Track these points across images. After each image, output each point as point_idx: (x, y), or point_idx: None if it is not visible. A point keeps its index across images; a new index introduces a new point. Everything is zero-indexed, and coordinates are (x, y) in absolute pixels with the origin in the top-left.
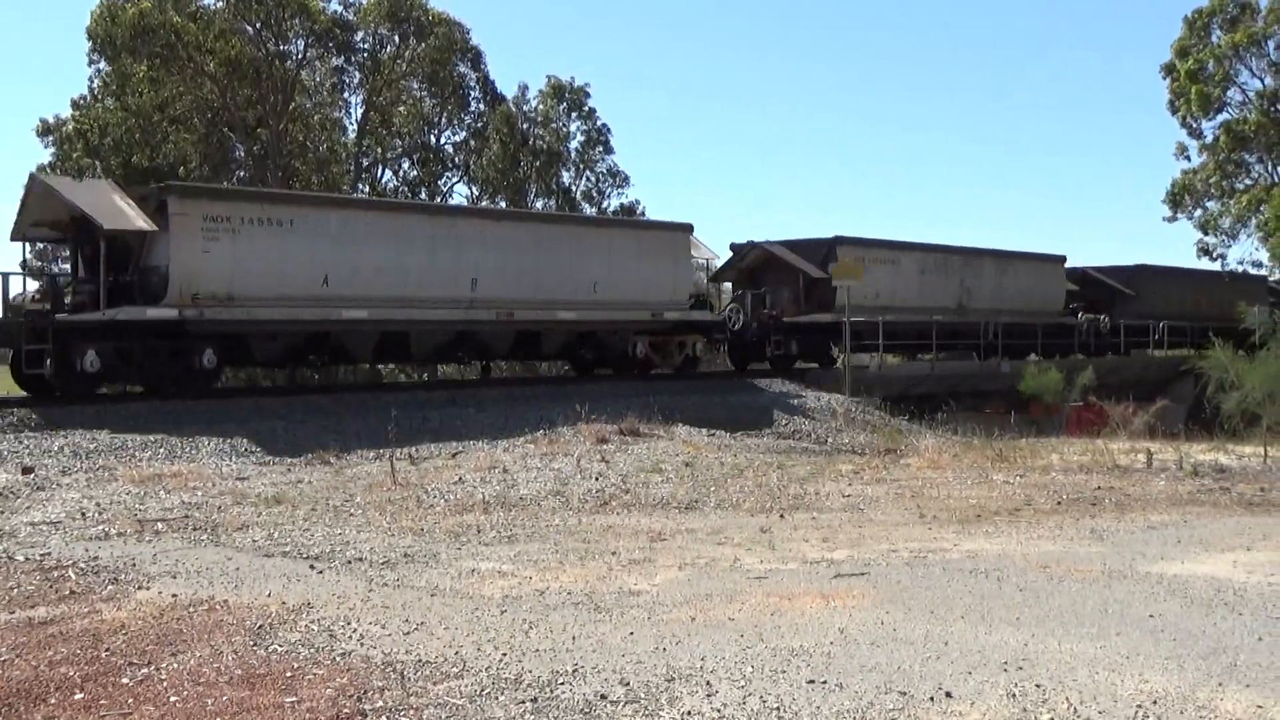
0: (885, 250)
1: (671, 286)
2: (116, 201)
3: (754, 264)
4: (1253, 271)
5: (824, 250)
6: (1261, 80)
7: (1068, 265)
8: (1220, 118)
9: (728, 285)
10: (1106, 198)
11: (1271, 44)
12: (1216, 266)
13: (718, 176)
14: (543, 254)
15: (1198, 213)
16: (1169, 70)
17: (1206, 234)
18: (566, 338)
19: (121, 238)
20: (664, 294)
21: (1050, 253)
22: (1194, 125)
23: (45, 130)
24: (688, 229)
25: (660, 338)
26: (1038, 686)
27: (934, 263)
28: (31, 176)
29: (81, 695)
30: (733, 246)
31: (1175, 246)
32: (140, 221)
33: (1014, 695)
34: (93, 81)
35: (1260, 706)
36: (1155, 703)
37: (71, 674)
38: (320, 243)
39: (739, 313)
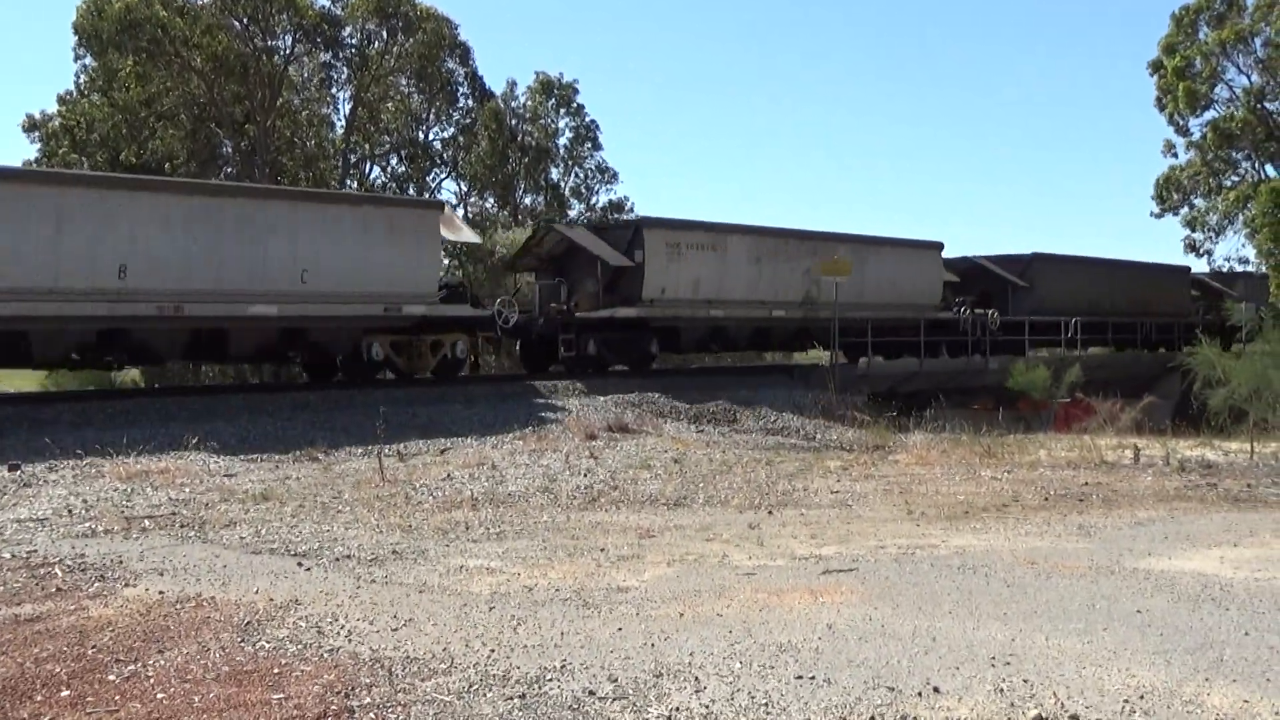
0: (704, 233)
1: (414, 275)
2: None
3: (553, 250)
4: (1239, 269)
5: (629, 235)
6: (1248, 77)
7: (962, 255)
8: (1207, 115)
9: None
10: (1095, 195)
11: (1258, 41)
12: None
13: (708, 171)
14: (226, 235)
15: (1184, 209)
16: (1156, 67)
17: (1194, 231)
18: (262, 337)
19: None
20: (404, 284)
21: (925, 239)
22: (1181, 122)
23: (31, 126)
24: (437, 206)
25: (405, 337)
26: (1025, 681)
27: (771, 249)
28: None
29: (68, 692)
30: (535, 228)
31: (1163, 243)
32: None
33: (1001, 690)
34: (79, 77)
35: (1247, 701)
36: (1142, 697)
37: (58, 671)
38: None
39: (513, 306)
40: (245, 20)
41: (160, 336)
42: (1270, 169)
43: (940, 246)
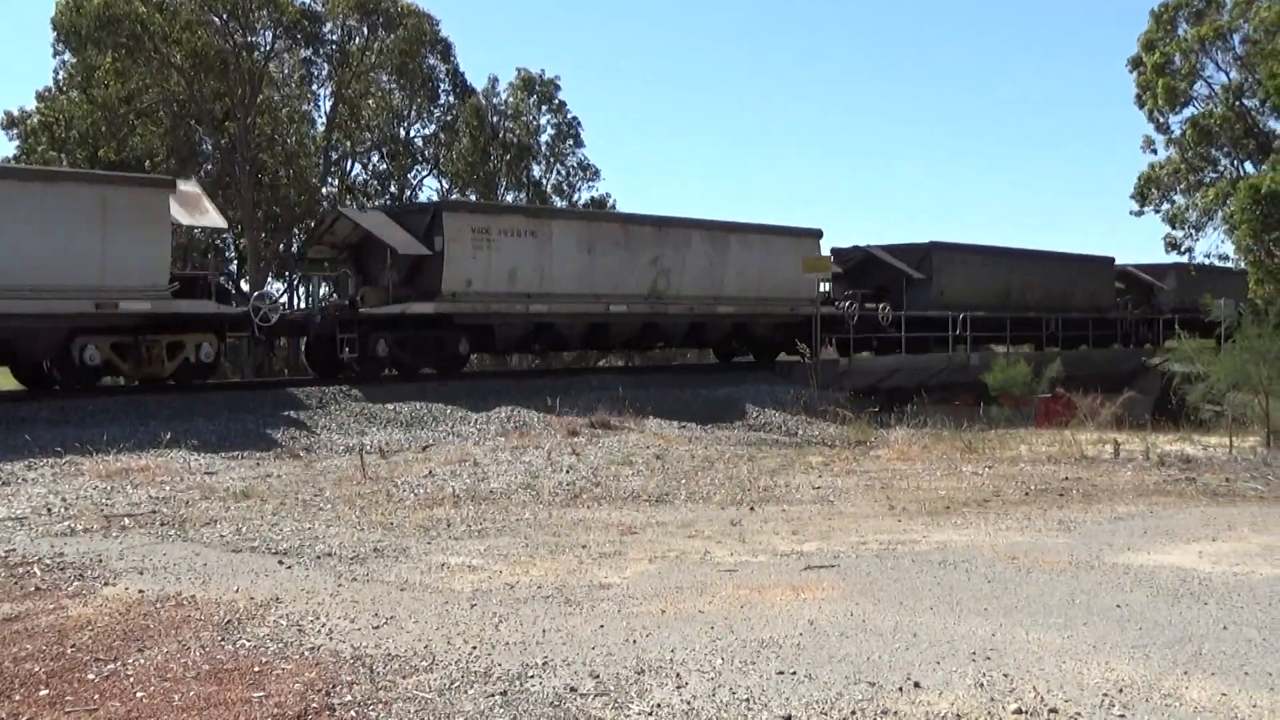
0: (521, 218)
1: (135, 265)
2: None
3: (349, 238)
4: (1219, 265)
5: (426, 219)
6: (1227, 74)
7: (858, 244)
8: (1187, 111)
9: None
10: (1075, 192)
11: (1237, 38)
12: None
13: (692, 169)
14: None
15: (1165, 206)
16: (1136, 64)
17: (1174, 228)
18: None
19: None
20: (120, 276)
21: (804, 226)
22: (1161, 119)
23: (10, 123)
24: (166, 184)
25: (131, 338)
26: (1005, 676)
27: (607, 237)
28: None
29: (47, 691)
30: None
31: (1145, 242)
32: None
33: (982, 685)
34: (58, 73)
35: (1225, 695)
36: (1121, 691)
37: (37, 670)
38: None
39: (274, 302)
40: (225, 16)
41: None
42: (1249, 166)
43: (819, 234)
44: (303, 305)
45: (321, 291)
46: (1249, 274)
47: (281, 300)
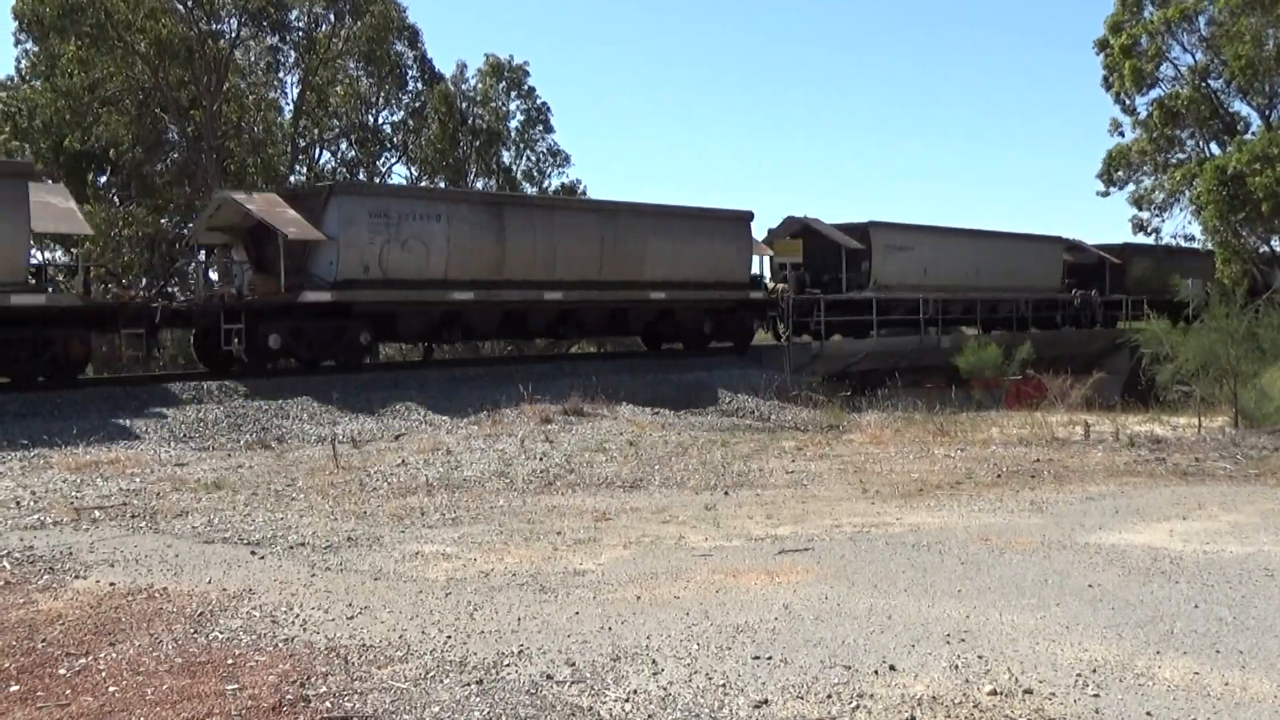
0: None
1: None
2: None
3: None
4: (1185, 245)
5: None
6: (1193, 56)
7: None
8: (1153, 93)
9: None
10: (1043, 173)
11: (1202, 20)
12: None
13: (663, 154)
14: None
15: (1131, 187)
16: (1103, 45)
17: (1140, 209)
18: None
19: None
20: None
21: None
22: (1127, 101)
23: None
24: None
25: None
26: (980, 658)
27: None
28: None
29: (17, 687)
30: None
31: (1111, 221)
32: None
33: (957, 667)
34: (20, 62)
35: (1197, 673)
36: (1095, 671)
37: (7, 666)
38: None
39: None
40: (190, 4)
41: None
42: (1215, 147)
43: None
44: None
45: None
46: (1215, 254)
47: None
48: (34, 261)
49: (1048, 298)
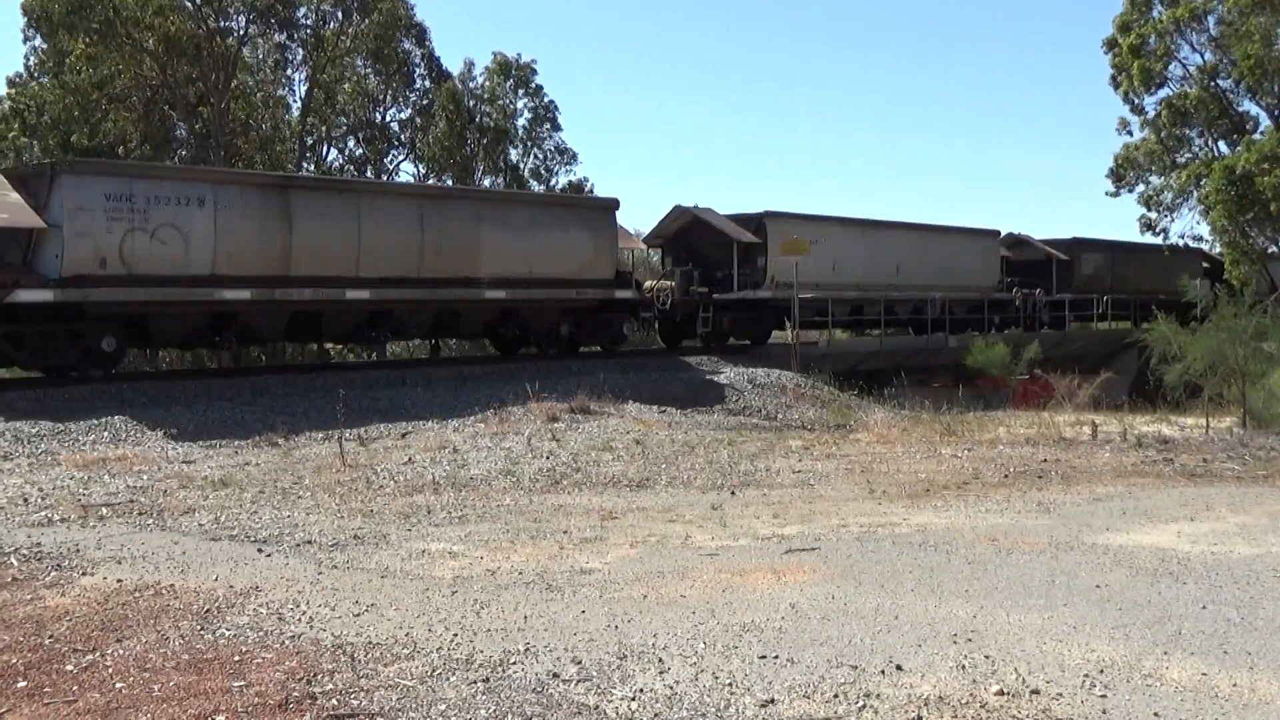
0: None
1: None
2: None
3: None
4: (1193, 246)
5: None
6: (1202, 55)
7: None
8: (1162, 93)
9: None
10: (1051, 173)
11: (1211, 19)
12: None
13: (671, 152)
14: None
15: (1140, 187)
16: (1111, 45)
17: (1149, 209)
18: None
19: None
20: None
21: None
22: (1136, 100)
23: None
24: None
25: None
26: (987, 658)
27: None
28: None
29: (24, 683)
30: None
31: (1121, 223)
32: None
33: (964, 667)
34: (29, 59)
35: (1205, 674)
36: (1102, 672)
37: (14, 661)
38: None
39: None
40: (198, 1)
41: None
42: (1223, 146)
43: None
44: None
45: None
46: (1224, 255)
47: None
48: None
49: (984, 298)
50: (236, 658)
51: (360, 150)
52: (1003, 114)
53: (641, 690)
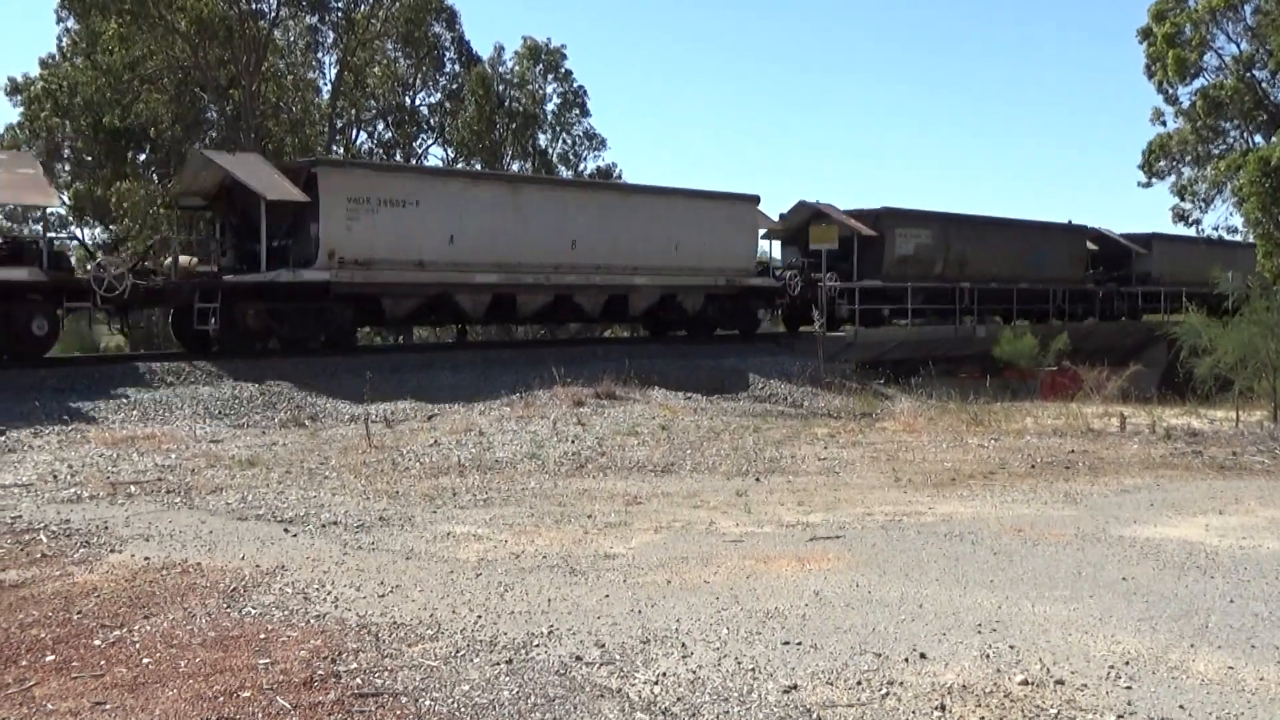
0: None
1: None
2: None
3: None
4: (1229, 238)
5: None
6: (1238, 45)
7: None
8: (1197, 83)
9: None
10: (1083, 163)
11: (1248, 8)
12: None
13: (700, 138)
14: None
15: (1173, 178)
16: (1146, 34)
17: (1183, 200)
18: None
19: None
20: None
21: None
22: (1170, 90)
23: (14, 90)
24: None
25: None
26: (1011, 648)
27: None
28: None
29: (53, 657)
30: None
31: (1153, 213)
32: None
33: (988, 656)
34: (61, 40)
35: (1231, 668)
36: (1128, 664)
37: (43, 636)
38: None
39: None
40: None
41: None
42: (1259, 138)
43: (757, 200)
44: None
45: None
46: (1258, 247)
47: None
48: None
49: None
50: (262, 636)
51: (390, 134)
52: (1032, 104)
53: (664, 674)
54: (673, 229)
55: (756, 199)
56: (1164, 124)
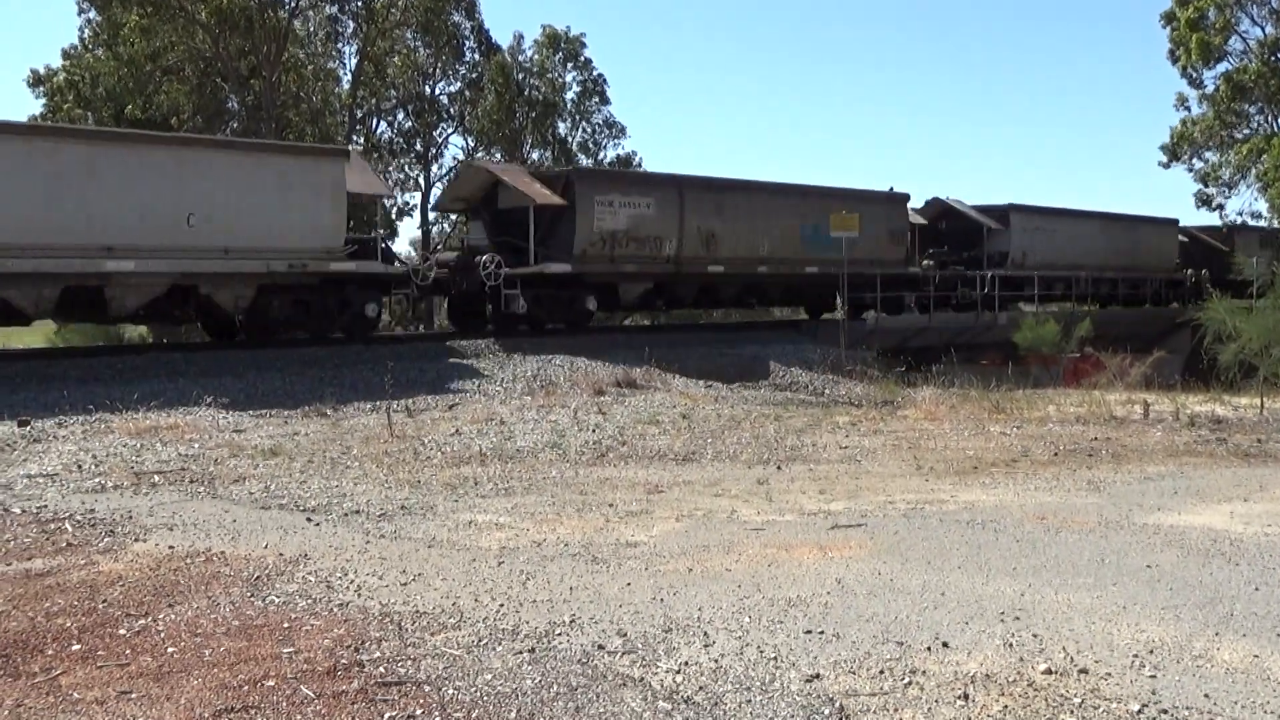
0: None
1: None
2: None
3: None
4: (1251, 224)
5: None
6: (1262, 29)
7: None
8: (1220, 67)
9: None
10: (1106, 147)
11: None
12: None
13: (718, 126)
14: None
15: (1196, 163)
16: (1169, 19)
17: (1206, 185)
18: None
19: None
20: None
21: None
22: (1194, 75)
23: (36, 81)
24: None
25: None
26: (1034, 636)
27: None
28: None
29: (79, 646)
30: None
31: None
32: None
33: (1011, 645)
34: (83, 31)
35: (1257, 656)
36: (1152, 652)
37: (69, 625)
38: None
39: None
40: None
41: None
42: None
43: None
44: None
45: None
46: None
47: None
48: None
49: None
50: (285, 625)
51: (410, 123)
52: (1050, 88)
53: (686, 663)
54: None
55: (343, 152)
56: (1187, 109)
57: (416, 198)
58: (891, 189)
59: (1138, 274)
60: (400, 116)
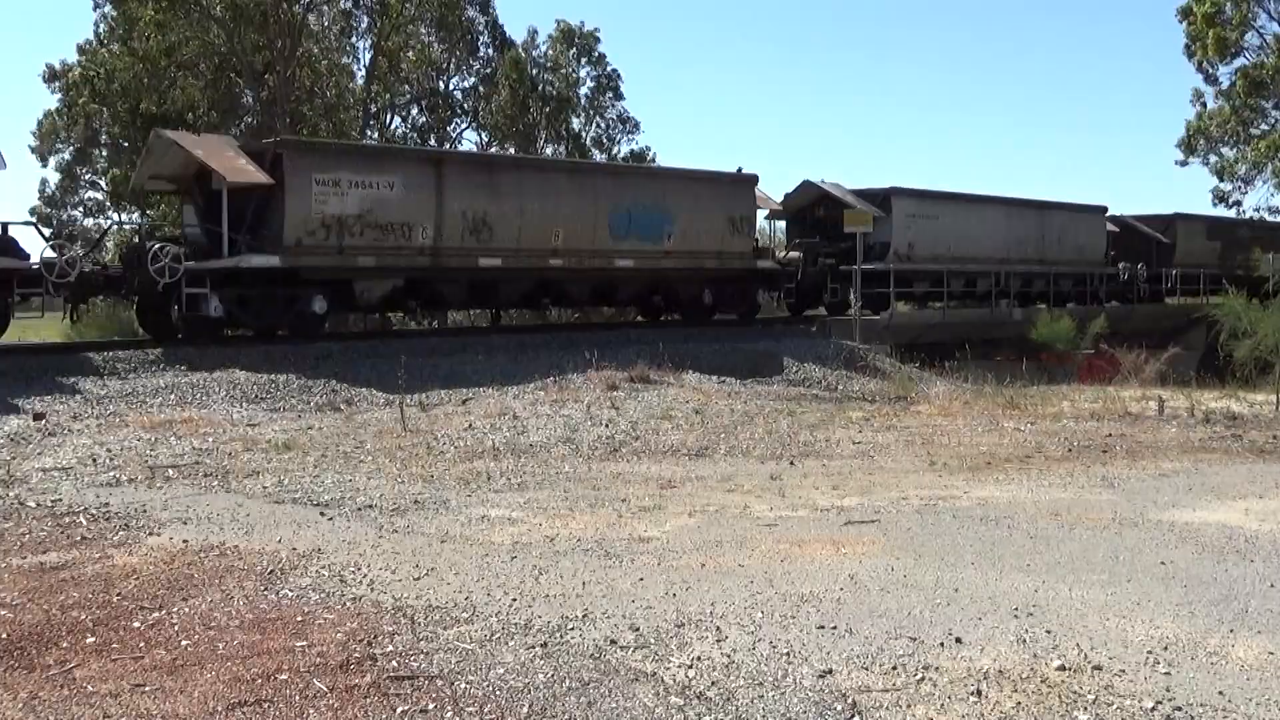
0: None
1: None
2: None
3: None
4: (1270, 220)
5: None
6: (1279, 23)
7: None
8: (1237, 62)
9: None
10: (1119, 146)
11: None
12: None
13: (733, 121)
14: None
15: (1213, 159)
16: (1185, 14)
17: (1222, 180)
18: None
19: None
20: None
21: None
22: (1210, 70)
23: (52, 76)
24: None
25: None
26: (1048, 632)
27: None
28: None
29: (93, 639)
30: None
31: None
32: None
33: (1024, 641)
34: (99, 26)
35: (1272, 653)
36: (1166, 649)
37: (83, 618)
38: None
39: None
40: None
41: None
42: None
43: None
44: None
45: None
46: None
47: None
48: None
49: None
50: (299, 618)
51: (424, 118)
52: (1066, 83)
53: (699, 658)
54: None
55: None
56: (1204, 105)
57: None
58: (740, 169)
59: (1058, 268)
60: (414, 112)
